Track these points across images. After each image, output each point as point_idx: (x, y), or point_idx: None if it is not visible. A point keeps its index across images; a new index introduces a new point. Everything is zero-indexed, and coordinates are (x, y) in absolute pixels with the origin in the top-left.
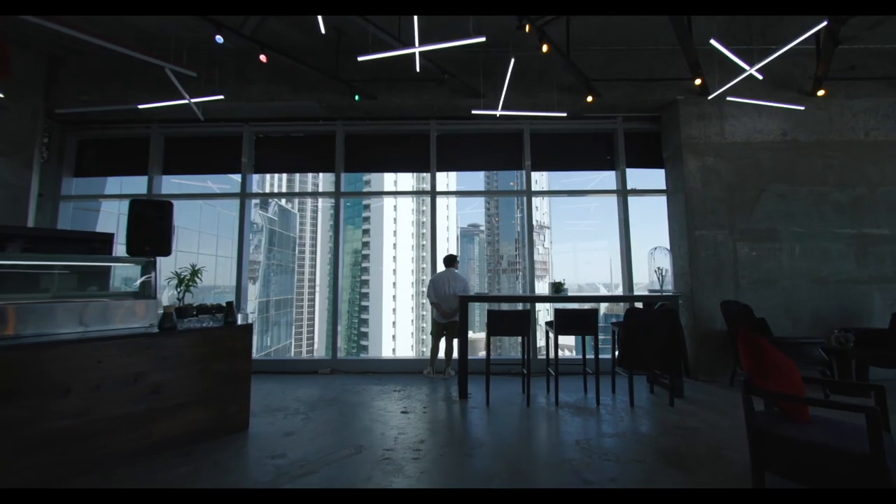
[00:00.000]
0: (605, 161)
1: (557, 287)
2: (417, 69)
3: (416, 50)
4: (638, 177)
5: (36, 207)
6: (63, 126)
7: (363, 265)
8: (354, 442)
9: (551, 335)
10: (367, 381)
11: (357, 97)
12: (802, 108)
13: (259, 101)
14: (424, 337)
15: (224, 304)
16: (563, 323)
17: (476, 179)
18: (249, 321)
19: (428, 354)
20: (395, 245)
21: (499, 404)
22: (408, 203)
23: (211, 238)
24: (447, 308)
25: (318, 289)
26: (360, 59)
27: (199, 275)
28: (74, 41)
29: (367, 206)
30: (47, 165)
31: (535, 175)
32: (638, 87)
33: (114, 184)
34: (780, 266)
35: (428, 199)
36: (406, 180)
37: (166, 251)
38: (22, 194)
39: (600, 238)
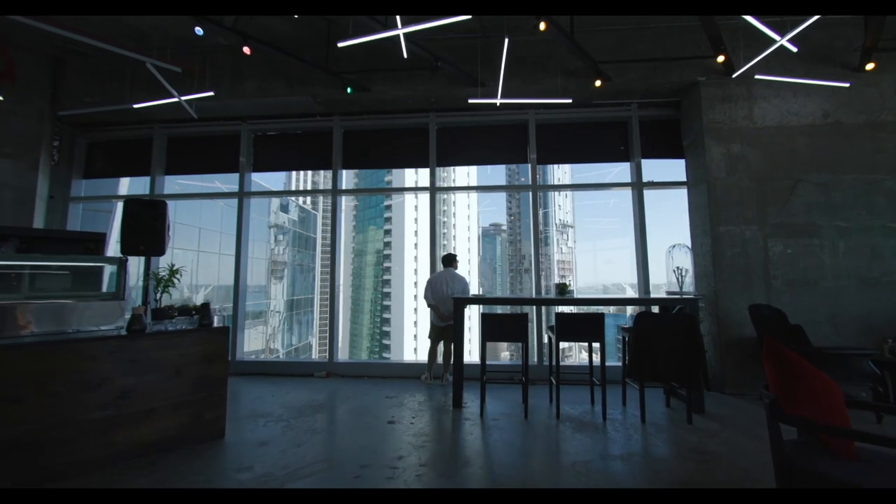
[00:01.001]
0: (619, 152)
1: (562, 289)
2: (404, 54)
3: (400, 31)
4: (656, 168)
5: (45, 209)
6: (73, 129)
7: (385, 265)
8: (329, 455)
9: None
10: (362, 386)
11: (349, 89)
12: (847, 84)
13: (253, 97)
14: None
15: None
16: (565, 328)
17: (498, 174)
18: (274, 318)
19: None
20: (416, 245)
21: (494, 416)
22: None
23: (231, 238)
24: (445, 311)
25: (340, 288)
26: (339, 45)
27: (178, 275)
28: (75, 43)
29: (388, 207)
30: (57, 168)
31: (557, 170)
32: (652, 69)
33: (123, 184)
34: (821, 265)
35: (450, 197)
36: (426, 176)
37: (160, 250)
38: (28, 196)
39: (621, 236)
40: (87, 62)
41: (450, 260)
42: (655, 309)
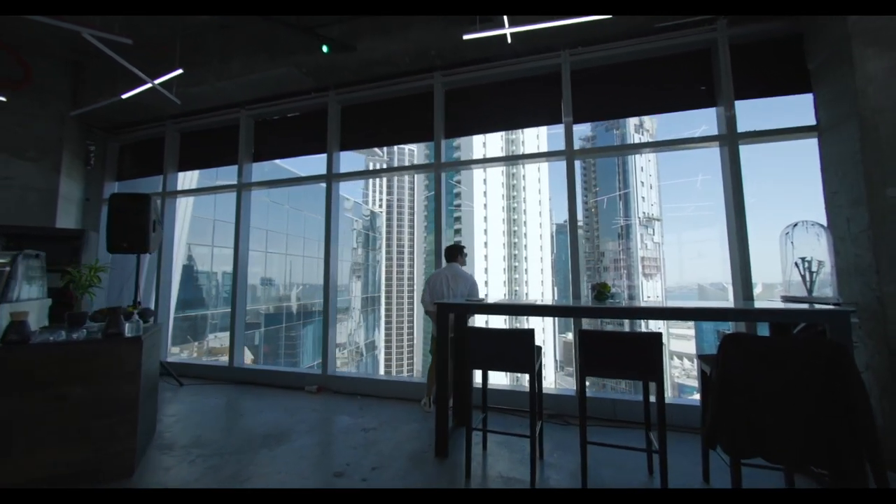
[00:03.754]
0: (697, 95)
1: (600, 292)
2: None
3: None
4: (758, 113)
5: (80, 211)
6: (104, 133)
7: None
8: None
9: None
10: (347, 407)
11: (324, 48)
12: None
13: (240, 75)
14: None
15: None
16: (593, 356)
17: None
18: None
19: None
20: (486, 244)
21: (490, 476)
22: (498, 190)
23: (298, 240)
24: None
25: (415, 286)
26: None
27: (103, 272)
28: (89, 45)
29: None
30: (92, 171)
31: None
32: None
33: (151, 183)
34: None
35: (520, 193)
36: (495, 141)
37: (144, 247)
38: (51, 197)
39: (713, 224)
40: (103, 63)
41: (454, 253)
42: (762, 329)
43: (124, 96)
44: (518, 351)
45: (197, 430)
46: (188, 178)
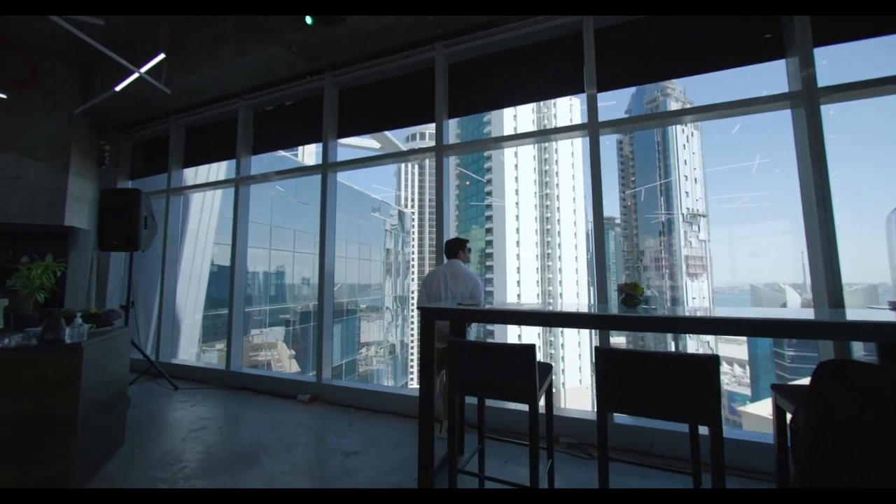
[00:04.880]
0: (760, 45)
1: (630, 294)
2: None
3: None
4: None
5: (93, 211)
6: (117, 133)
7: (488, 263)
8: None
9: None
10: (334, 423)
11: (308, 19)
12: None
13: (231, 60)
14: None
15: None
16: (617, 385)
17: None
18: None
19: None
20: (518, 242)
21: None
22: (530, 188)
23: (353, 245)
24: (442, 324)
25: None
26: None
27: (54, 272)
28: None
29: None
30: (107, 171)
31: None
32: None
33: (162, 181)
34: None
35: (553, 190)
36: (527, 114)
37: (135, 244)
38: (60, 196)
39: (773, 217)
40: (113, 63)
41: (455, 248)
42: (858, 352)
43: (117, 88)
44: (514, 373)
45: (168, 444)
46: (213, 173)
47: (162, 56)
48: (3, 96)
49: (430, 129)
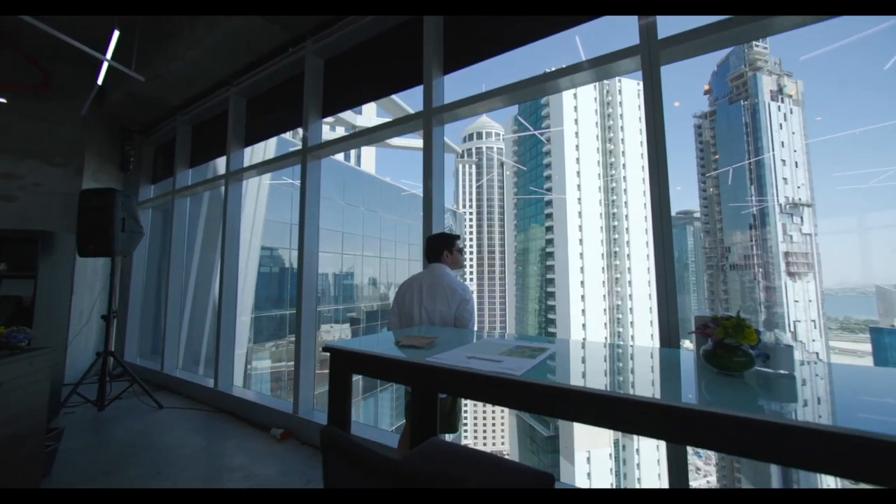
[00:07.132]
0: None
1: (723, 346)
2: None
3: None
4: None
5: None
6: (140, 137)
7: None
8: None
9: None
10: (294, 474)
11: None
12: None
13: (205, 38)
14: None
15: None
16: None
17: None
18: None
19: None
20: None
21: None
22: (594, 181)
23: (389, 244)
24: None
25: (507, 287)
26: None
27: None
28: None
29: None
30: (130, 175)
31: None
32: None
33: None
34: None
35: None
36: (588, 92)
37: (109, 249)
38: (71, 201)
39: None
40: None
41: (438, 246)
42: None
43: (98, 81)
44: None
45: (94, 482)
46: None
47: (117, 34)
48: (3, 100)
49: (494, 127)
